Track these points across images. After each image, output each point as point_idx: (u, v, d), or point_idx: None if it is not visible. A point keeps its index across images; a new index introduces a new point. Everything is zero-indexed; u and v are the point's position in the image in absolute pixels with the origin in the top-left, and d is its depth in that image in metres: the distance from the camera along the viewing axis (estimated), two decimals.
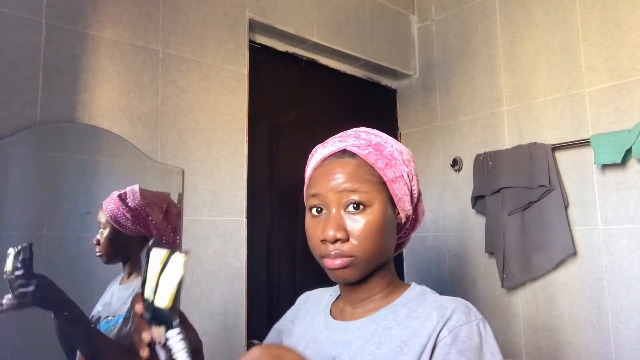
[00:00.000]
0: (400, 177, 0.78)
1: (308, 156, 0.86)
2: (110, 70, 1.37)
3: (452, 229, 2.16)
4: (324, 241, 0.74)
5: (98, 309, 1.28)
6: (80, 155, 1.31)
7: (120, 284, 1.33)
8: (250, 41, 1.75)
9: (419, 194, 0.84)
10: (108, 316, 1.29)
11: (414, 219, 0.85)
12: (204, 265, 1.49)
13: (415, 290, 0.79)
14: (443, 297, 0.76)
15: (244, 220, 1.63)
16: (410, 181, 0.80)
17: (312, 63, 2.06)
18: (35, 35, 1.24)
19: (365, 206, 0.74)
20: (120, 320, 1.29)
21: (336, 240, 0.73)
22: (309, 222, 0.78)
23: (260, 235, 1.77)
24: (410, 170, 0.81)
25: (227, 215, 1.58)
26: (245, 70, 1.69)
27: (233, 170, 1.62)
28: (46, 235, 1.21)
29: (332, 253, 0.73)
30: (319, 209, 0.76)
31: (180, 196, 1.47)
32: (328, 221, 0.74)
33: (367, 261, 0.74)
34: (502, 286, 1.91)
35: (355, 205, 0.74)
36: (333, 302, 0.87)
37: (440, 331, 0.68)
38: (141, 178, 1.41)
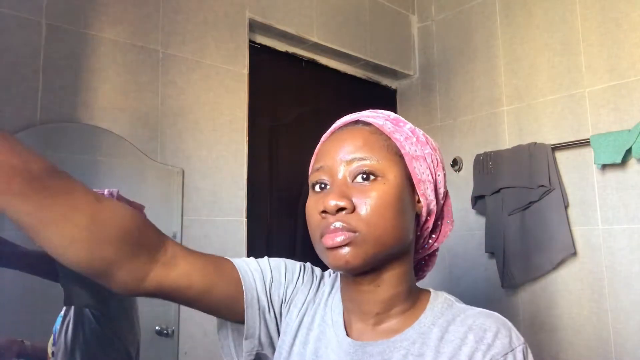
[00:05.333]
0: (422, 157, 0.66)
1: (307, 156, 0.81)
2: (110, 70, 1.37)
3: (452, 229, 2.16)
4: (324, 213, 0.60)
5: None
6: (80, 155, 1.31)
7: None
8: (250, 41, 1.75)
9: (446, 195, 0.71)
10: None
11: (438, 224, 0.72)
12: None
13: (438, 300, 0.66)
14: (475, 310, 0.64)
15: (244, 220, 1.63)
16: (435, 168, 0.67)
17: (312, 63, 2.06)
18: (35, 35, 1.24)
19: (376, 176, 0.61)
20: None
21: (338, 211, 0.59)
22: (310, 200, 0.65)
23: (260, 235, 1.77)
24: (437, 158, 0.68)
25: (227, 215, 1.58)
26: (245, 70, 1.69)
27: (233, 170, 1.62)
28: None
29: (332, 226, 0.59)
30: (323, 185, 0.63)
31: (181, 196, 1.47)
32: (330, 190, 0.61)
33: (375, 242, 0.59)
34: (502, 286, 1.91)
35: (364, 176, 0.61)
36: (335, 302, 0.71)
37: None
38: (141, 178, 1.41)
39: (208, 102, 1.58)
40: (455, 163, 2.15)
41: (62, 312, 1.22)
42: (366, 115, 0.68)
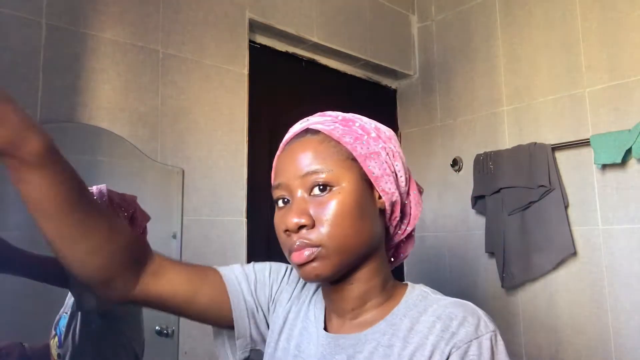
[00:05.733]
0: (376, 153, 0.66)
1: None
2: (110, 70, 1.37)
3: (452, 229, 2.16)
4: (287, 232, 0.62)
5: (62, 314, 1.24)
6: (80, 155, 1.31)
7: None
8: (250, 41, 1.75)
9: (409, 180, 0.71)
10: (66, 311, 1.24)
11: (407, 210, 0.71)
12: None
13: (414, 293, 0.66)
14: (448, 300, 0.64)
15: (244, 220, 1.63)
16: (391, 159, 0.67)
17: (312, 63, 2.06)
18: (35, 35, 1.23)
19: (331, 186, 0.62)
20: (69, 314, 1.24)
21: (300, 229, 0.61)
22: (275, 216, 0.67)
23: (260, 235, 1.77)
24: (391, 148, 0.68)
25: (227, 215, 1.58)
26: (245, 70, 1.69)
27: (233, 170, 1.62)
28: None
29: (297, 243, 0.61)
30: (285, 200, 0.65)
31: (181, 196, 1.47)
32: (290, 208, 0.63)
33: (339, 251, 0.61)
34: (502, 286, 1.91)
35: (320, 187, 0.62)
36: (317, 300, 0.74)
37: (445, 348, 0.57)
38: (141, 178, 1.41)
39: (208, 102, 1.58)
40: (455, 163, 2.15)
41: (65, 314, 1.22)
42: (314, 122, 0.69)
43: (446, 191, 2.20)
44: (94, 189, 1.26)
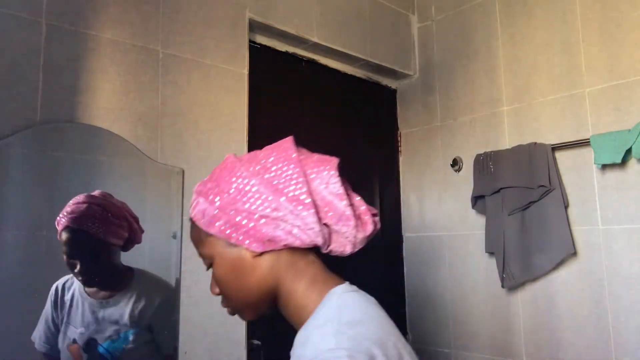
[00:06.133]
0: (221, 208, 0.71)
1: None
2: (110, 70, 1.37)
3: (452, 229, 2.16)
4: None
5: (78, 331, 1.24)
6: (80, 155, 1.31)
7: (95, 298, 1.27)
8: (250, 41, 1.75)
9: (301, 203, 0.70)
10: (110, 336, 1.26)
11: (339, 221, 0.72)
12: (204, 266, 1.49)
13: (318, 321, 0.69)
14: (316, 339, 0.65)
15: None
16: (244, 197, 0.70)
17: (312, 63, 2.06)
18: (35, 35, 1.24)
19: (211, 263, 0.76)
20: (132, 337, 1.28)
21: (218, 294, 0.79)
22: None
23: None
24: (246, 182, 0.71)
25: None
26: (245, 70, 1.69)
27: None
28: (46, 235, 1.21)
29: (221, 303, 0.80)
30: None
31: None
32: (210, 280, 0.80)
33: (244, 306, 0.77)
34: (502, 286, 1.91)
35: (208, 266, 0.78)
36: None
37: None
38: (141, 178, 1.41)
39: (208, 102, 1.58)
40: (455, 163, 2.15)
41: (111, 340, 1.25)
42: (190, 205, 0.79)
43: (446, 191, 2.20)
44: (96, 193, 1.27)
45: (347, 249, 0.77)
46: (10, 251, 1.15)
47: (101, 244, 1.25)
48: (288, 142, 0.79)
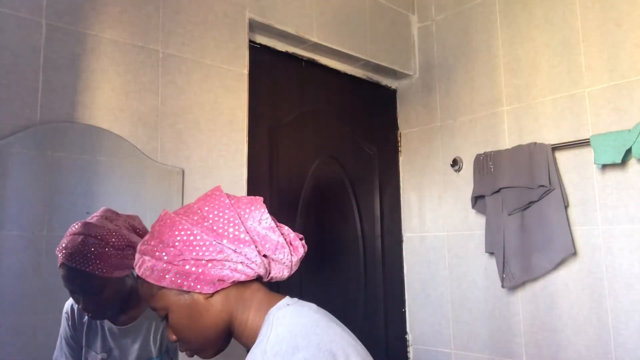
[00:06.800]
0: (169, 262, 0.78)
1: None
2: (110, 70, 1.37)
3: (452, 229, 2.16)
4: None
5: (99, 357, 1.21)
6: (80, 155, 1.31)
7: (115, 323, 1.24)
8: (250, 41, 1.75)
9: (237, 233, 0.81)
10: None
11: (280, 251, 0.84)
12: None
13: (257, 341, 0.76)
14: (256, 349, 0.73)
15: None
16: (189, 246, 0.78)
17: (312, 63, 2.06)
18: (35, 35, 1.24)
19: (166, 314, 0.81)
20: None
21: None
22: None
23: None
24: (189, 232, 0.79)
25: None
26: (245, 70, 1.69)
27: (233, 170, 1.62)
28: (46, 235, 1.21)
29: (179, 348, 0.86)
30: None
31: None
32: (166, 327, 0.85)
33: (204, 345, 0.82)
34: (502, 286, 1.91)
35: (163, 317, 0.83)
36: None
37: None
38: (141, 178, 1.41)
39: (208, 102, 1.58)
40: (455, 163, 2.15)
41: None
42: (134, 262, 0.83)
43: (446, 191, 2.20)
44: (98, 214, 1.22)
45: (285, 273, 0.86)
46: (10, 251, 1.15)
47: (101, 280, 1.17)
48: (218, 190, 0.87)
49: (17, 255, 1.16)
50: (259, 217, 0.84)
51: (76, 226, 1.17)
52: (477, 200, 2.03)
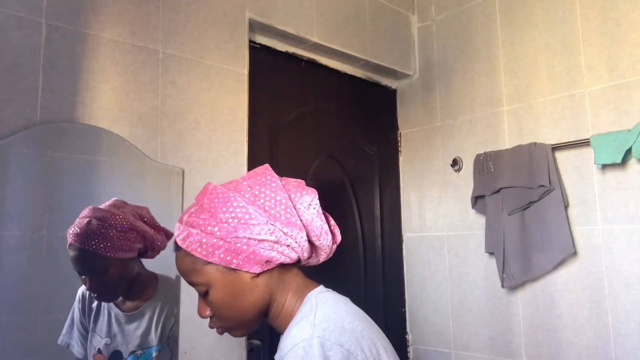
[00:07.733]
0: (222, 237, 0.78)
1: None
2: (110, 70, 1.37)
3: (452, 229, 2.16)
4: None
5: (103, 341, 1.25)
6: (80, 155, 1.31)
7: (121, 309, 1.28)
8: (250, 41, 1.75)
9: (292, 214, 0.82)
10: (135, 351, 1.26)
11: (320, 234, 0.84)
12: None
13: (297, 319, 0.79)
14: (294, 332, 0.75)
15: None
16: (244, 224, 0.78)
17: (312, 63, 2.06)
18: (35, 35, 1.24)
19: (207, 290, 0.80)
20: (155, 353, 1.28)
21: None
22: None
23: None
24: (244, 211, 0.79)
25: None
26: (245, 70, 1.69)
27: (233, 170, 1.62)
28: (46, 235, 1.21)
29: (210, 325, 0.86)
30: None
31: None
32: (198, 304, 0.86)
33: (239, 324, 0.83)
34: (502, 286, 1.91)
35: (203, 293, 0.82)
36: None
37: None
38: (141, 178, 1.41)
39: (208, 102, 1.58)
40: (455, 163, 2.15)
41: (135, 354, 1.26)
42: (176, 235, 0.82)
43: (446, 191, 2.20)
44: (109, 202, 1.26)
45: (322, 259, 0.88)
46: (10, 251, 1.15)
47: (107, 260, 1.23)
48: (269, 169, 0.89)
49: (17, 255, 1.16)
50: (309, 202, 0.84)
51: (85, 210, 1.23)
52: (477, 200, 2.03)
